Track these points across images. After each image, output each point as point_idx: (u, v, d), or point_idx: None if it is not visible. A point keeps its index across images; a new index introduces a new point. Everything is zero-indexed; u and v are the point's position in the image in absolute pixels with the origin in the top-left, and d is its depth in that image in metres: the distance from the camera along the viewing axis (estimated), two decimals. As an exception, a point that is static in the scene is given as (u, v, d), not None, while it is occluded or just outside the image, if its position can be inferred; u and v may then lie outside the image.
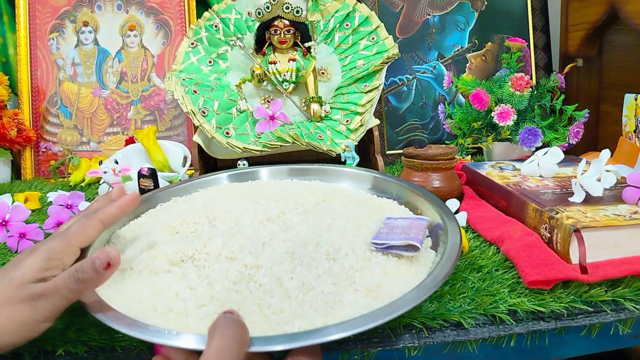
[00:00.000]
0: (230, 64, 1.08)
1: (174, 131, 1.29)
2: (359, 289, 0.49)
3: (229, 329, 0.39)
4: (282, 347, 0.40)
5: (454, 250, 0.53)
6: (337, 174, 0.80)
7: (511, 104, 0.98)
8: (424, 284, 0.48)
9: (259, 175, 0.82)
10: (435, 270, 0.50)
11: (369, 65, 1.02)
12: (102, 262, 0.45)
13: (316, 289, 0.48)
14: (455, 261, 0.51)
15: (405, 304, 0.44)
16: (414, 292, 0.46)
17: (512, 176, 0.82)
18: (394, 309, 0.43)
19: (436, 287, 0.47)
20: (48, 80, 1.28)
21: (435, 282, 0.47)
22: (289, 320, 0.45)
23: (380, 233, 0.57)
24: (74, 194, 0.88)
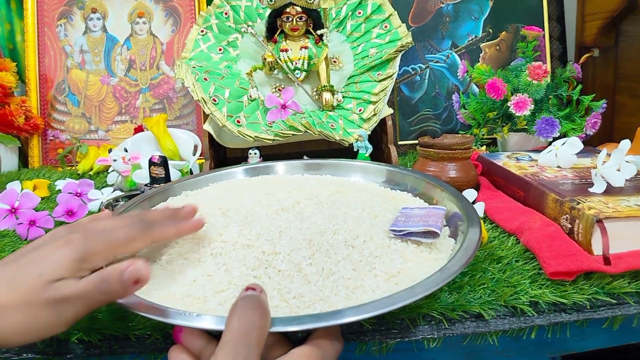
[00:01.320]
0: (240, 52, 1.08)
1: (183, 120, 1.28)
2: (380, 274, 0.48)
3: (248, 311, 0.38)
4: (302, 327, 0.40)
5: (474, 237, 0.52)
6: (350, 168, 0.79)
7: (528, 93, 0.97)
8: (446, 267, 0.47)
9: (273, 170, 0.81)
10: (456, 256, 0.49)
11: (382, 53, 1.02)
12: (129, 277, 0.42)
13: (336, 275, 0.48)
14: (477, 247, 0.50)
15: (429, 286, 0.44)
16: (437, 276, 0.45)
17: (529, 167, 0.82)
18: (418, 291, 0.43)
19: (459, 271, 0.46)
20: (56, 67, 1.27)
21: (458, 267, 0.47)
22: (309, 304, 0.44)
23: (398, 221, 0.56)
24: (83, 181, 0.88)
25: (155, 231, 0.48)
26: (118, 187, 0.94)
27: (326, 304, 0.44)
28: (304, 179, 0.76)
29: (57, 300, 0.40)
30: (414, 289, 0.43)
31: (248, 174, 0.80)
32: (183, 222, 0.51)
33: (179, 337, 0.43)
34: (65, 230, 0.46)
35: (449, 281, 0.45)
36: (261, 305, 0.39)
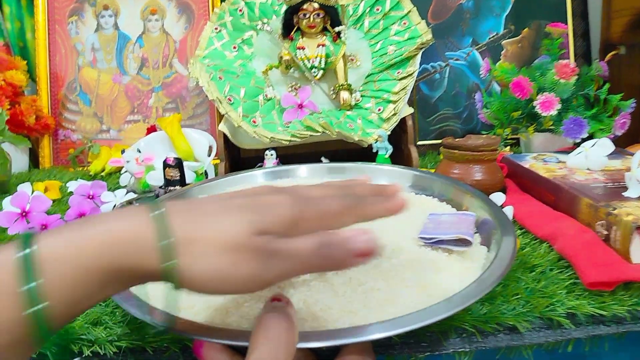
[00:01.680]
0: (255, 50, 1.06)
1: (197, 120, 1.27)
2: (411, 285, 0.46)
3: (274, 326, 0.36)
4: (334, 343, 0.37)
5: (509, 246, 0.50)
6: (375, 172, 0.77)
7: (555, 92, 0.94)
8: (482, 278, 0.45)
9: (294, 174, 0.79)
10: (492, 266, 0.47)
11: (402, 51, 0.99)
12: (358, 247, 0.36)
13: (365, 285, 0.46)
14: (513, 256, 0.48)
15: (466, 298, 0.42)
16: (474, 287, 0.43)
17: (558, 169, 0.79)
18: (455, 304, 0.41)
19: (497, 282, 0.44)
20: (67, 65, 1.26)
21: (495, 277, 0.44)
22: (338, 317, 0.42)
23: (427, 228, 0.54)
24: (95, 183, 0.86)
25: (367, 207, 0.42)
26: (131, 189, 0.92)
27: (356, 317, 0.42)
28: None
29: (268, 251, 0.35)
30: (451, 301, 0.41)
31: (267, 178, 0.78)
32: (391, 200, 0.44)
33: (200, 351, 0.41)
34: (277, 189, 0.40)
35: (487, 293, 0.43)
36: (289, 319, 0.37)
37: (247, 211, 0.36)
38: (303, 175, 0.79)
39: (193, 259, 0.33)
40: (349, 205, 0.40)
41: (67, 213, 0.77)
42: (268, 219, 0.36)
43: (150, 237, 0.33)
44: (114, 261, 0.32)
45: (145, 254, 0.32)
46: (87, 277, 0.32)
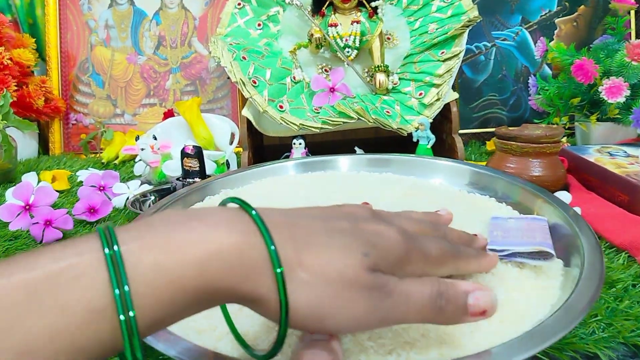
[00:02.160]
0: (282, 28, 1.02)
1: (217, 104, 1.25)
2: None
3: None
4: None
5: (596, 262, 0.43)
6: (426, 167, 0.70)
7: (624, 77, 0.87)
8: (570, 305, 0.38)
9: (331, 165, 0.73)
10: (579, 287, 0.40)
11: (446, 29, 0.94)
12: (477, 305, 0.33)
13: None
14: (602, 274, 0.41)
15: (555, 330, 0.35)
16: (561, 315, 0.36)
17: (629, 164, 0.72)
18: (542, 337, 0.34)
19: (589, 308, 0.37)
20: (79, 44, 1.25)
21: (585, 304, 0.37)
22: (391, 349, 0.36)
23: (495, 237, 0.47)
24: (107, 173, 0.83)
25: (462, 260, 0.39)
26: (146, 180, 0.89)
27: (414, 350, 0.36)
28: (363, 178, 0.67)
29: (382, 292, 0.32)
30: (533, 335, 0.34)
31: (299, 170, 0.72)
32: (486, 257, 0.42)
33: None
34: (367, 211, 0.37)
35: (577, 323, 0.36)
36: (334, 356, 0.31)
37: (358, 241, 0.32)
38: (342, 168, 0.72)
39: (295, 287, 0.30)
40: (448, 253, 0.37)
41: (75, 206, 0.73)
42: (381, 254, 0.32)
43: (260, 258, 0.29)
44: (213, 281, 0.29)
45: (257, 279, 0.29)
46: (180, 295, 0.28)
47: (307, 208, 0.36)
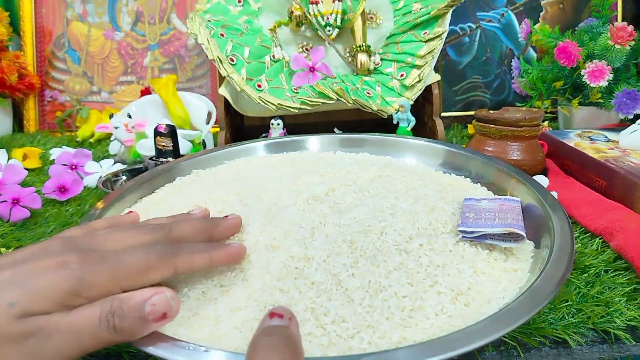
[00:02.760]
0: (262, 5, 1.00)
1: (196, 82, 1.24)
2: (444, 291, 0.40)
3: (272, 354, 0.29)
4: None
5: (566, 244, 0.43)
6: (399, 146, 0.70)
7: (606, 60, 0.86)
8: (536, 287, 0.37)
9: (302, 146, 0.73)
10: (547, 270, 0.40)
11: (429, 9, 0.92)
12: (156, 309, 0.33)
13: (388, 291, 0.39)
14: (572, 255, 0.41)
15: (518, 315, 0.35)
16: (526, 299, 0.36)
17: (609, 149, 0.72)
18: (503, 322, 0.34)
19: (555, 292, 0.37)
20: (54, 19, 1.23)
21: (552, 287, 0.38)
22: (354, 332, 0.36)
23: (467, 218, 0.47)
24: (79, 151, 0.82)
25: (181, 259, 0.38)
26: (120, 159, 0.89)
27: (377, 333, 0.35)
28: (337, 158, 0.67)
29: (39, 335, 0.31)
30: (498, 319, 0.34)
31: (271, 150, 0.71)
32: (220, 248, 0.41)
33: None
34: (62, 245, 0.36)
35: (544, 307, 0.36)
36: (292, 343, 0.30)
37: (9, 289, 0.32)
38: (313, 148, 0.72)
39: None
40: (158, 259, 0.36)
41: (45, 185, 0.72)
42: (31, 298, 0.32)
43: None
44: None
45: None
46: None
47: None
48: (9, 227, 0.64)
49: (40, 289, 0.32)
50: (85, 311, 0.32)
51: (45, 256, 0.34)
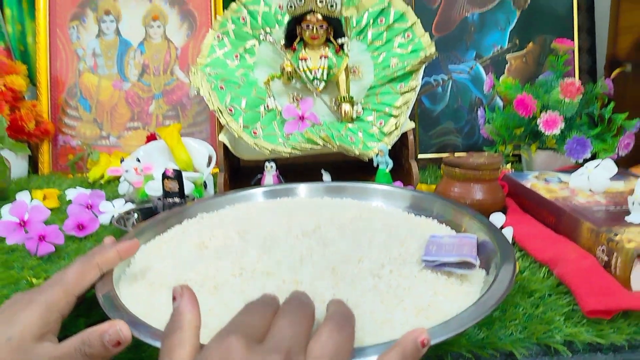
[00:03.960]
0: (257, 59, 1.07)
1: (197, 127, 1.28)
2: (408, 307, 0.47)
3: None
4: None
5: (509, 270, 0.50)
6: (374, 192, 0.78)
7: (559, 111, 0.95)
8: (480, 302, 0.45)
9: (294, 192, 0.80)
10: (491, 289, 0.47)
11: (405, 64, 1.00)
12: (111, 338, 0.41)
13: (362, 307, 0.46)
14: (512, 281, 0.49)
15: (464, 322, 0.42)
16: (472, 311, 0.44)
17: (560, 189, 0.79)
18: (452, 327, 0.41)
19: (495, 306, 0.44)
20: (67, 70, 1.28)
21: (493, 301, 0.45)
22: None
23: (430, 250, 0.54)
24: (94, 193, 0.86)
25: (97, 258, 0.51)
26: (129, 198, 0.93)
27: None
28: (324, 202, 0.75)
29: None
30: (448, 324, 0.42)
31: (267, 196, 0.79)
32: (121, 244, 0.54)
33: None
34: (22, 294, 0.47)
35: (485, 317, 0.43)
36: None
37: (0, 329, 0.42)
38: (302, 195, 0.79)
39: None
40: (82, 265, 0.50)
41: (65, 223, 0.77)
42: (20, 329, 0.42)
43: None
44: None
45: None
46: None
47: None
48: (37, 261, 0.69)
49: (23, 321, 0.43)
50: (67, 343, 0.42)
51: (17, 302, 0.45)
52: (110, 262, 0.52)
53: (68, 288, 0.47)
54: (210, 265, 0.53)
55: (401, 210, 0.73)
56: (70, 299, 0.47)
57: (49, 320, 0.44)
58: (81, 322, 0.53)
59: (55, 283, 0.48)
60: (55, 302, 0.45)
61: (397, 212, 0.72)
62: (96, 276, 0.50)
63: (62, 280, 0.48)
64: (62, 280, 0.48)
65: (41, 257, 0.71)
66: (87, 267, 0.50)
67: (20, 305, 0.44)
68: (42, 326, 0.43)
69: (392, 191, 0.77)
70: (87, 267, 0.50)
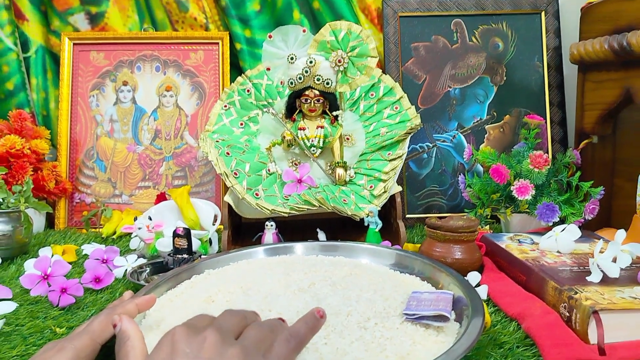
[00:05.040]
0: (260, 127, 1.14)
1: (203, 187, 1.34)
2: (390, 355, 0.52)
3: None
4: None
5: (478, 323, 0.56)
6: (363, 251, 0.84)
7: (529, 179, 1.01)
8: (451, 350, 0.50)
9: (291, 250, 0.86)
10: (461, 340, 0.52)
11: (393, 134, 1.07)
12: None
13: (349, 355, 0.51)
14: (480, 332, 0.54)
15: None
16: (443, 358, 0.49)
17: (531, 250, 0.85)
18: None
19: (463, 354, 0.50)
20: (86, 134, 1.34)
21: (462, 350, 0.50)
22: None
23: (410, 305, 0.60)
24: (109, 248, 0.91)
25: (118, 310, 0.56)
26: (140, 253, 0.98)
27: None
28: (319, 260, 0.80)
29: None
30: None
31: (267, 254, 0.84)
32: (140, 298, 0.59)
33: None
34: (53, 342, 0.52)
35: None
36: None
37: None
38: (299, 252, 0.85)
39: None
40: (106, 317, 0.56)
41: (83, 277, 0.81)
42: None
43: None
44: None
45: None
46: None
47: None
48: (59, 311, 0.73)
49: None
50: None
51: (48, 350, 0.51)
52: (130, 314, 0.57)
53: (94, 336, 0.53)
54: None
55: (387, 268, 0.78)
56: (96, 347, 0.52)
57: None
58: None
59: (83, 332, 0.53)
60: (83, 349, 0.51)
61: (384, 269, 0.78)
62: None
63: (89, 330, 0.53)
64: (89, 329, 0.53)
65: (62, 308, 0.75)
66: (110, 318, 0.54)
67: (53, 352, 0.49)
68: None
69: (379, 250, 0.83)
70: (110, 318, 0.54)
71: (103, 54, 1.36)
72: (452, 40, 1.33)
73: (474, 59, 1.33)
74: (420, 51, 1.33)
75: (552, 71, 1.32)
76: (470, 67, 1.33)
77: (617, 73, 1.05)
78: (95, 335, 0.53)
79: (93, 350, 0.52)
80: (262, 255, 0.84)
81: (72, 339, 0.52)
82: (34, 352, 0.61)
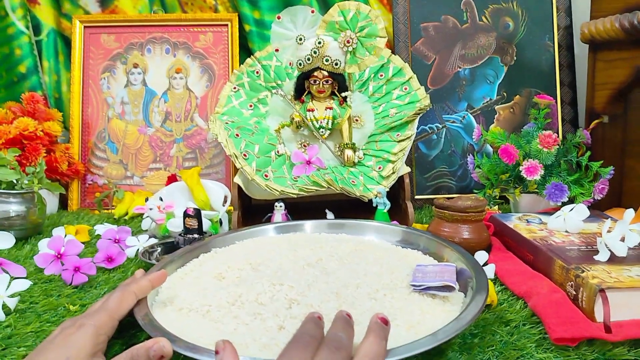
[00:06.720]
0: (269, 109, 1.14)
1: (214, 169, 1.34)
2: (401, 324, 0.53)
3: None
4: None
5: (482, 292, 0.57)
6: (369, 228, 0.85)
7: (538, 159, 1.01)
8: (460, 317, 0.52)
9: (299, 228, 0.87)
10: (468, 308, 0.54)
11: (402, 115, 1.06)
12: (156, 353, 0.47)
13: (362, 324, 0.52)
14: (485, 300, 0.55)
15: (449, 332, 0.49)
16: (454, 324, 0.50)
17: (539, 230, 0.85)
18: (439, 337, 0.48)
19: (472, 320, 0.51)
20: (97, 117, 1.35)
21: (471, 317, 0.51)
22: None
23: (416, 277, 0.62)
24: (121, 228, 0.92)
25: (133, 287, 0.58)
26: (151, 233, 0.98)
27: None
28: (322, 237, 0.81)
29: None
30: (435, 335, 0.48)
31: (277, 232, 0.85)
32: (152, 274, 0.61)
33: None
34: (71, 320, 0.53)
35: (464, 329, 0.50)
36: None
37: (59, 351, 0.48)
38: (308, 230, 0.86)
39: None
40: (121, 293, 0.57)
41: (95, 256, 0.82)
42: (76, 349, 0.48)
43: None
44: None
45: None
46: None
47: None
48: (72, 289, 0.75)
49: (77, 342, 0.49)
50: (119, 357, 0.47)
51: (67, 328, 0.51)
52: (144, 290, 0.59)
53: (112, 313, 0.54)
54: (228, 293, 0.59)
55: (393, 245, 0.79)
56: (114, 322, 0.54)
57: (99, 340, 0.50)
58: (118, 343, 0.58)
59: (100, 309, 0.54)
60: (102, 325, 0.52)
61: (387, 245, 0.79)
62: (133, 302, 0.57)
63: (106, 306, 0.54)
64: (106, 306, 0.55)
65: (76, 287, 0.76)
66: (125, 294, 0.57)
67: (72, 330, 0.50)
68: (93, 346, 0.49)
69: (383, 227, 0.84)
70: (125, 295, 0.57)
71: (113, 37, 1.36)
72: (462, 20, 1.32)
73: (484, 38, 1.32)
74: (429, 31, 1.32)
75: (562, 51, 1.31)
76: (480, 47, 1.32)
77: (628, 52, 1.04)
78: (112, 312, 0.54)
79: (112, 326, 0.53)
80: (272, 233, 0.85)
81: (90, 316, 0.53)
82: (48, 329, 0.62)
